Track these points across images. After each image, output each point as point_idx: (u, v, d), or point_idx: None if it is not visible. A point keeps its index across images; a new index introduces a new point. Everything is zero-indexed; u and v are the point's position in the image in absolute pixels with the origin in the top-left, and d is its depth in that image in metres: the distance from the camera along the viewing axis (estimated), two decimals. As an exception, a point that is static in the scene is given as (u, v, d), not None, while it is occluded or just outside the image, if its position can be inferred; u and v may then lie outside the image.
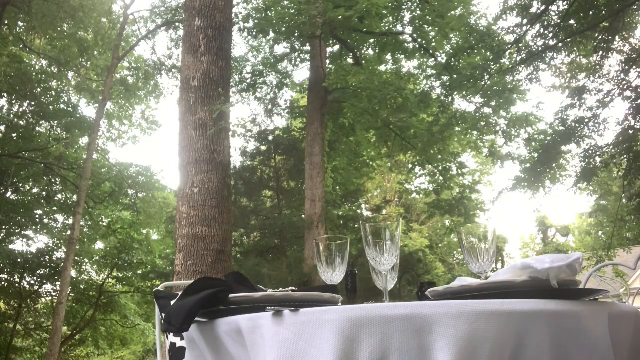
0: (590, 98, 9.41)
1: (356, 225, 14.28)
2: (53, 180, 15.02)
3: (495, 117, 11.04)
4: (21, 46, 14.32)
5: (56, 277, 14.95)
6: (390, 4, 9.78)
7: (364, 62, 11.78)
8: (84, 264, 16.96)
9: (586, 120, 9.32)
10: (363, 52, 12.30)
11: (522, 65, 9.28)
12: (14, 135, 14.79)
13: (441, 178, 12.30)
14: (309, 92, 11.63)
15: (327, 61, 12.06)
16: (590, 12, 8.67)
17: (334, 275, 1.41)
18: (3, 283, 15.05)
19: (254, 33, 10.52)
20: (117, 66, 14.30)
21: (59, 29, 14.33)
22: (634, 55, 9.33)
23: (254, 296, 1.16)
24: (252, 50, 13.15)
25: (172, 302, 1.46)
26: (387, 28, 10.95)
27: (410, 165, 13.82)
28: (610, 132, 18.35)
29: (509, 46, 9.38)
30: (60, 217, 16.14)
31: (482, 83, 9.38)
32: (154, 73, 15.45)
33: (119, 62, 14.24)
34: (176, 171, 5.68)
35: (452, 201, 11.98)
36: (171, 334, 1.80)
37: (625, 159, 9.15)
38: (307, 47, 12.02)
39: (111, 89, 14.39)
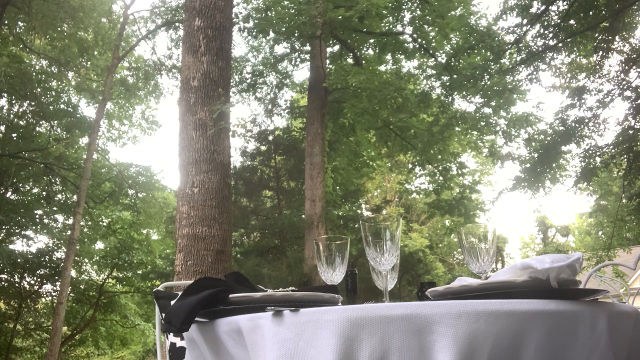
0: (590, 98, 9.42)
1: (356, 225, 14.28)
2: (53, 180, 15.02)
3: (495, 117, 11.04)
4: (21, 46, 14.32)
5: (56, 277, 14.96)
6: (390, 4, 9.78)
7: (364, 62, 11.78)
8: (84, 264, 16.96)
9: (586, 120, 9.33)
10: (363, 52, 12.31)
11: (522, 65, 9.28)
12: (14, 135, 14.78)
13: (441, 178, 12.29)
14: (309, 92, 11.63)
15: (327, 61, 12.06)
16: (590, 12, 8.67)
17: (334, 275, 1.41)
18: (3, 283, 15.06)
19: (254, 33, 10.52)
20: (117, 66, 14.30)
21: (59, 29, 14.33)
22: (634, 55, 9.33)
23: (254, 296, 1.16)
24: (252, 50, 13.16)
25: (172, 302, 1.46)
26: (387, 28, 10.95)
27: (410, 165, 13.81)
28: (610, 132, 18.37)
29: (509, 46, 9.38)
30: (60, 217, 16.16)
31: (482, 83, 9.38)
32: (154, 73, 15.45)
33: (119, 62, 14.24)
34: (176, 171, 5.67)
35: (452, 201, 11.97)
36: (171, 334, 1.80)
37: (625, 159, 9.15)
38: (307, 47, 12.03)
39: (111, 89, 14.38)
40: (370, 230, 1.32)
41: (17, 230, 15.33)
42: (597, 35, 9.07)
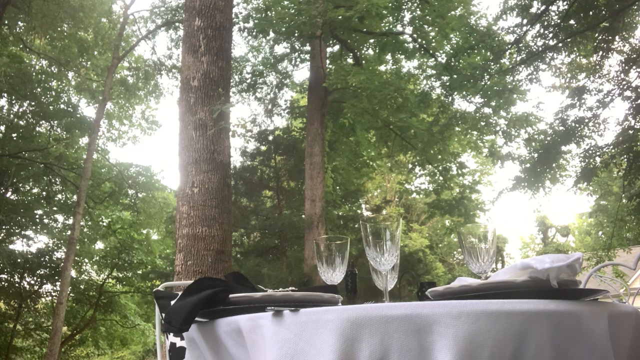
0: (590, 98, 9.42)
1: (356, 225, 14.28)
2: (53, 180, 15.02)
3: (495, 117, 11.04)
4: (21, 46, 14.32)
5: (56, 277, 14.96)
6: (390, 4, 9.77)
7: (364, 62, 11.77)
8: (84, 264, 16.97)
9: (586, 120, 9.33)
10: (363, 52, 12.30)
11: (522, 65, 9.28)
12: (14, 135, 14.79)
13: (441, 178, 12.29)
14: (309, 92, 11.63)
15: (327, 61, 12.05)
16: (590, 12, 8.67)
17: (334, 275, 1.41)
18: (3, 283, 15.05)
19: (254, 33, 10.51)
20: (117, 66, 14.30)
21: (59, 29, 14.32)
22: (634, 55, 9.33)
23: (254, 296, 1.16)
24: (252, 50, 13.15)
25: (172, 302, 1.46)
26: (387, 28, 10.95)
27: (410, 165, 13.82)
28: (610, 132, 18.38)
29: (509, 46, 9.38)
30: (60, 217, 16.17)
31: (482, 83, 9.37)
32: (154, 73, 15.45)
33: (119, 62, 14.24)
34: (176, 171, 5.67)
35: (452, 201, 11.97)
36: (171, 334, 1.80)
37: (625, 159, 9.15)
38: (307, 47, 12.02)
39: (111, 89, 14.39)
40: (370, 230, 1.32)
41: (17, 230, 15.33)
42: (597, 35, 9.07)
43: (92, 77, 15.91)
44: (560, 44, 9.14)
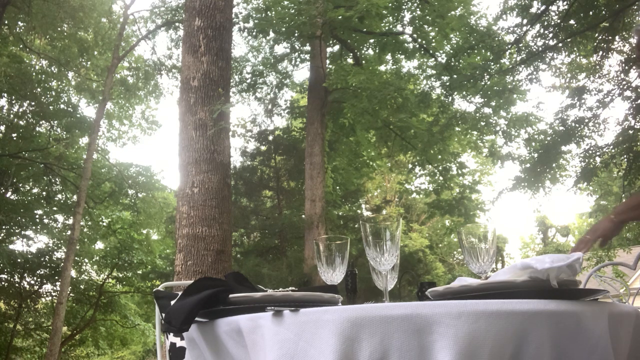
0: (590, 98, 9.43)
1: (356, 225, 14.28)
2: (53, 180, 15.02)
3: (495, 117, 11.04)
4: (21, 46, 14.32)
5: (56, 277, 14.96)
6: (390, 4, 9.78)
7: (364, 62, 11.77)
8: (84, 264, 16.97)
9: (586, 120, 9.33)
10: (363, 52, 12.30)
11: (522, 65, 9.28)
12: (14, 135, 14.79)
13: (441, 178, 12.29)
14: (309, 92, 11.63)
15: (327, 61, 12.05)
16: (590, 12, 8.67)
17: (334, 275, 1.41)
18: (3, 283, 15.06)
19: (254, 33, 10.52)
20: (117, 66, 14.30)
21: (59, 29, 14.33)
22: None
23: (254, 296, 1.16)
24: (252, 50, 13.14)
25: (172, 302, 1.46)
26: (387, 28, 10.95)
27: (410, 165, 13.82)
28: (610, 132, 18.38)
29: (509, 46, 9.38)
30: (60, 217, 16.17)
31: (482, 83, 9.38)
32: (154, 73, 15.45)
33: (119, 62, 14.24)
34: (176, 171, 5.67)
35: (452, 201, 11.97)
36: (171, 334, 1.80)
37: (625, 159, 9.15)
38: (307, 47, 12.02)
39: (111, 89, 14.38)
40: (370, 230, 1.31)
41: (17, 230, 15.33)
42: (597, 35, 9.07)
43: (92, 77, 15.91)
44: (560, 44, 9.14)
